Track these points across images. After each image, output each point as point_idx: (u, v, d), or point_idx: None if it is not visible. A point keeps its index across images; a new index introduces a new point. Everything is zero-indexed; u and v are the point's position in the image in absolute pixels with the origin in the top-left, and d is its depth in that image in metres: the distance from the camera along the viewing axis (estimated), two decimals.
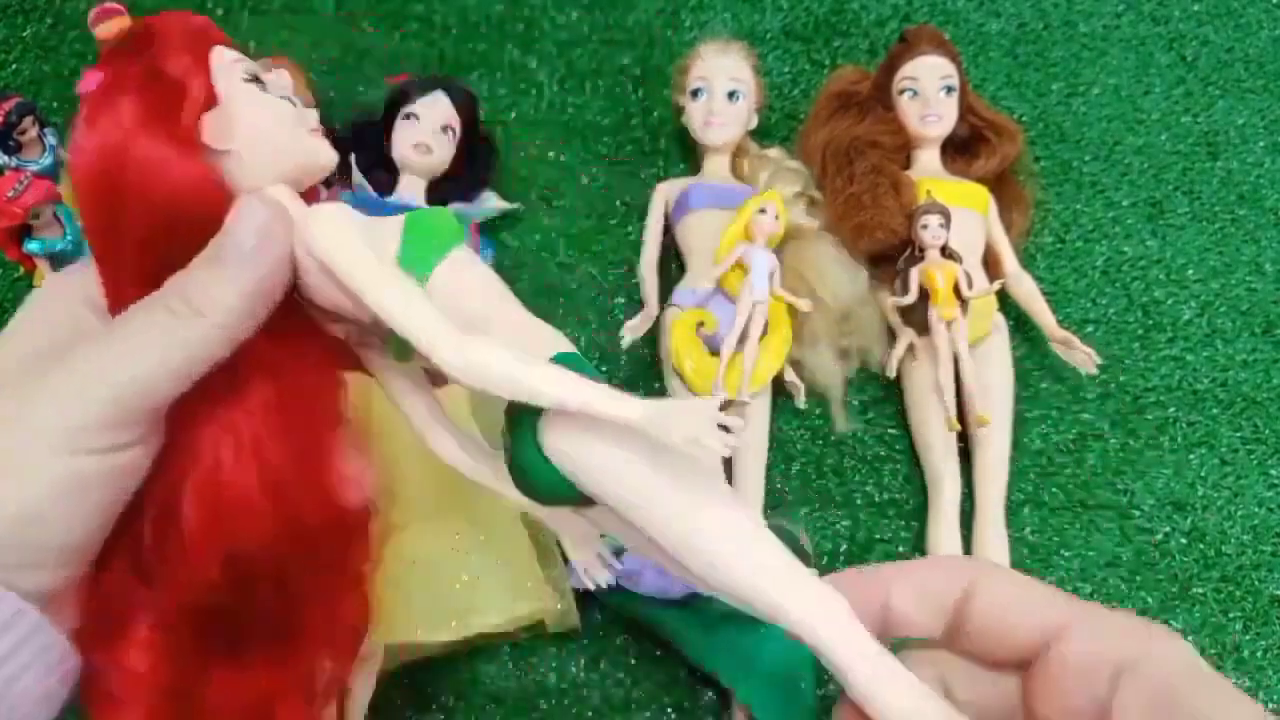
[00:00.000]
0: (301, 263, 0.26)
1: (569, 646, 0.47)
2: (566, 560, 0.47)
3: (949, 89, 0.57)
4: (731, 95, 0.57)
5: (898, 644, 0.22)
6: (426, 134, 0.54)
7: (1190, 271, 0.61)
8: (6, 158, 0.50)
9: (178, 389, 0.24)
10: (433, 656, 0.46)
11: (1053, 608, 0.22)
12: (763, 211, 0.52)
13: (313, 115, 0.28)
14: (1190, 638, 0.50)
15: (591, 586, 0.42)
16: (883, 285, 0.55)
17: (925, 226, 0.53)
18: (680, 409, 0.21)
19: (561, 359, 0.25)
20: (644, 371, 0.55)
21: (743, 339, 0.51)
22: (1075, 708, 0.21)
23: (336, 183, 0.57)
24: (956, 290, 0.52)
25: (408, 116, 0.55)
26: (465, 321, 0.25)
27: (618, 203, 0.61)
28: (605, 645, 0.47)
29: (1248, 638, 0.50)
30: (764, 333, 0.52)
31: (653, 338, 0.54)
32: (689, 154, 0.62)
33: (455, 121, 0.56)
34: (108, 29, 0.52)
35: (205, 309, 0.24)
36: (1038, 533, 0.52)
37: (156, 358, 0.23)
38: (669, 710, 0.46)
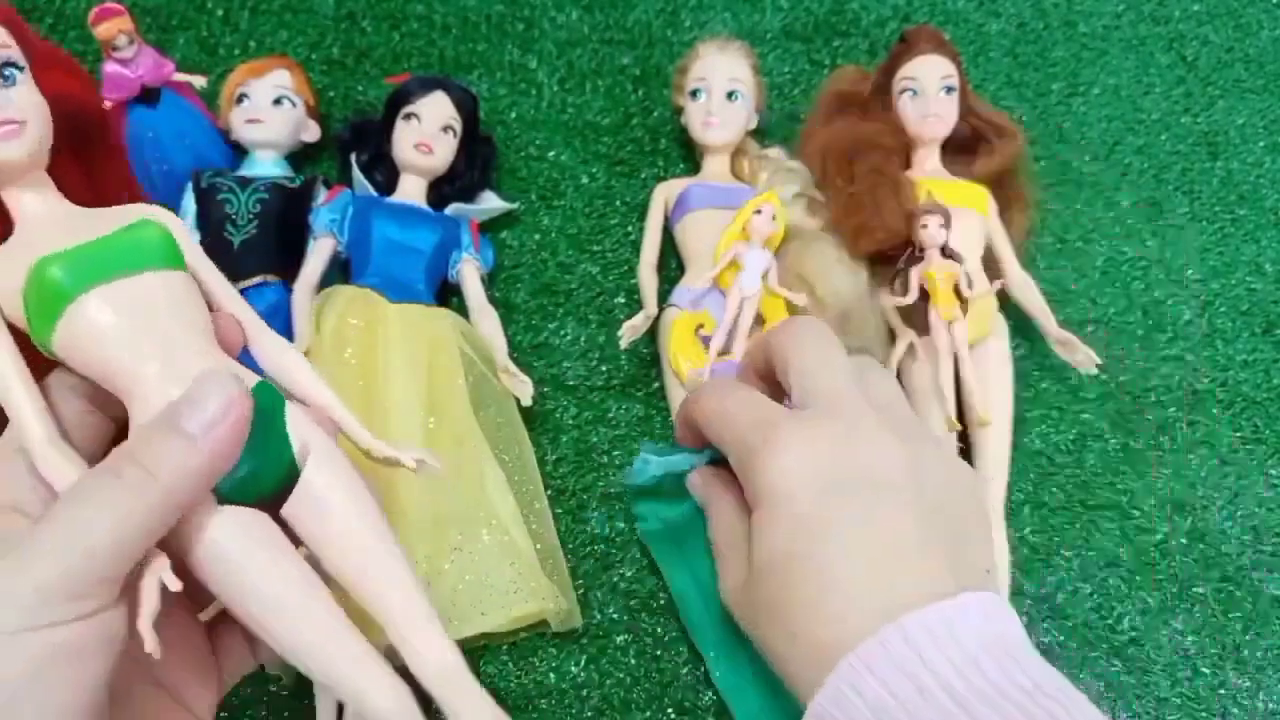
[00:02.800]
0: None
1: (569, 646, 0.47)
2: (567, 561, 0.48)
3: (949, 89, 0.57)
4: (731, 95, 0.57)
5: None
6: (427, 134, 0.54)
7: (1190, 271, 0.61)
8: None
9: (134, 559, 0.23)
10: None
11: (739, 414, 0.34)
12: (759, 213, 0.52)
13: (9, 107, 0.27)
14: (1190, 638, 0.50)
15: None
16: (883, 285, 0.55)
17: (925, 226, 0.53)
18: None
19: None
20: (644, 371, 0.55)
21: (732, 334, 0.51)
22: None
23: (336, 183, 0.57)
24: (957, 290, 0.52)
25: (408, 116, 0.55)
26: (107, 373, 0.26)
27: (618, 203, 0.61)
28: (605, 645, 0.47)
29: (1248, 638, 0.50)
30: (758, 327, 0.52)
31: (652, 338, 0.54)
32: (689, 154, 0.62)
33: (456, 121, 0.56)
34: (108, 29, 0.52)
35: (158, 472, 0.23)
36: (1038, 533, 0.52)
37: (106, 528, 0.23)
38: (669, 710, 0.46)
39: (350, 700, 0.27)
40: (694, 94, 0.58)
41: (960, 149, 0.59)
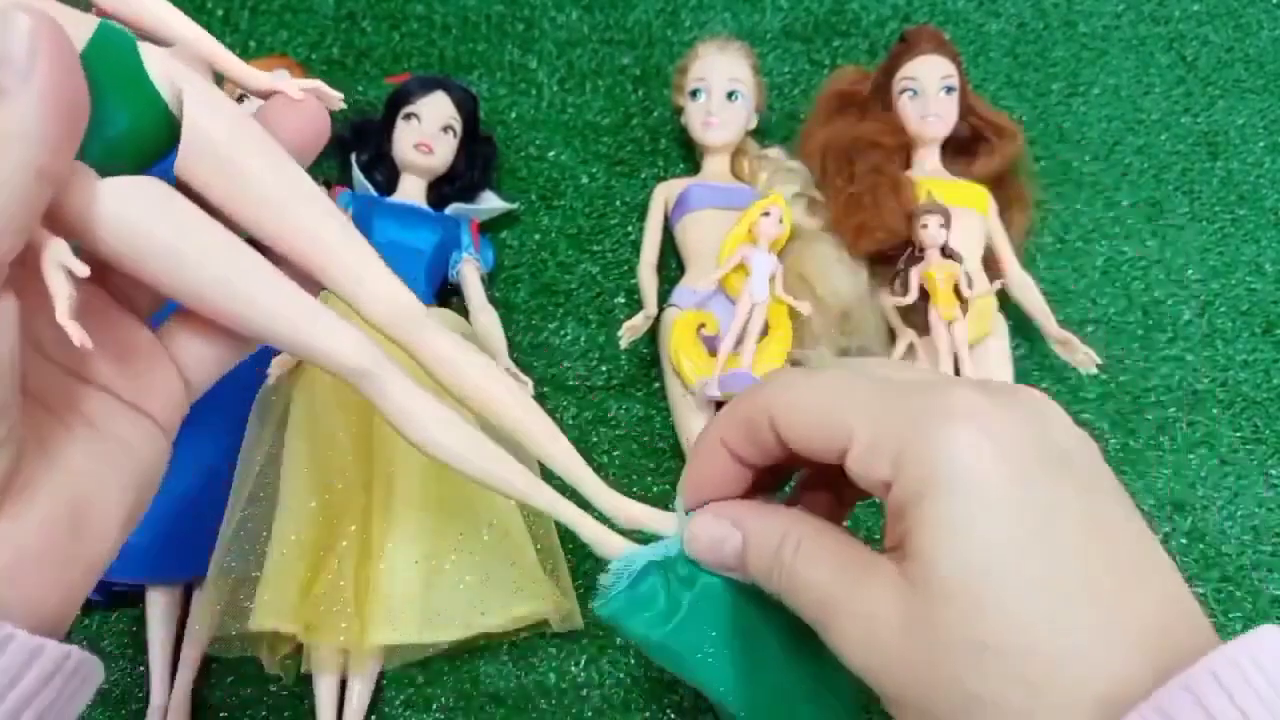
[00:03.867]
0: None
1: (569, 646, 0.47)
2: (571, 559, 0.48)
3: (949, 89, 0.57)
4: (731, 95, 0.57)
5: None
6: (427, 134, 0.54)
7: (1190, 271, 0.61)
8: None
9: (9, 233, 0.20)
10: (433, 656, 0.46)
11: (836, 413, 0.24)
12: (766, 215, 0.52)
13: None
14: None
15: None
16: (883, 285, 0.55)
17: (925, 226, 0.53)
18: None
19: None
20: (644, 371, 0.55)
21: (741, 340, 0.51)
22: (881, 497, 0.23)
23: (336, 183, 0.57)
24: (957, 290, 0.52)
25: (408, 116, 0.55)
26: None
27: (618, 203, 0.61)
28: (605, 645, 0.47)
29: None
30: (764, 333, 0.52)
31: (652, 337, 0.54)
32: (689, 154, 0.62)
33: (456, 121, 0.56)
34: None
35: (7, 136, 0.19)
36: None
37: None
38: (669, 710, 0.46)
39: (318, 358, 0.26)
40: (694, 94, 0.58)
41: (960, 149, 0.59)
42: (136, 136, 0.23)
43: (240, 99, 0.55)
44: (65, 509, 0.23)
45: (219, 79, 0.26)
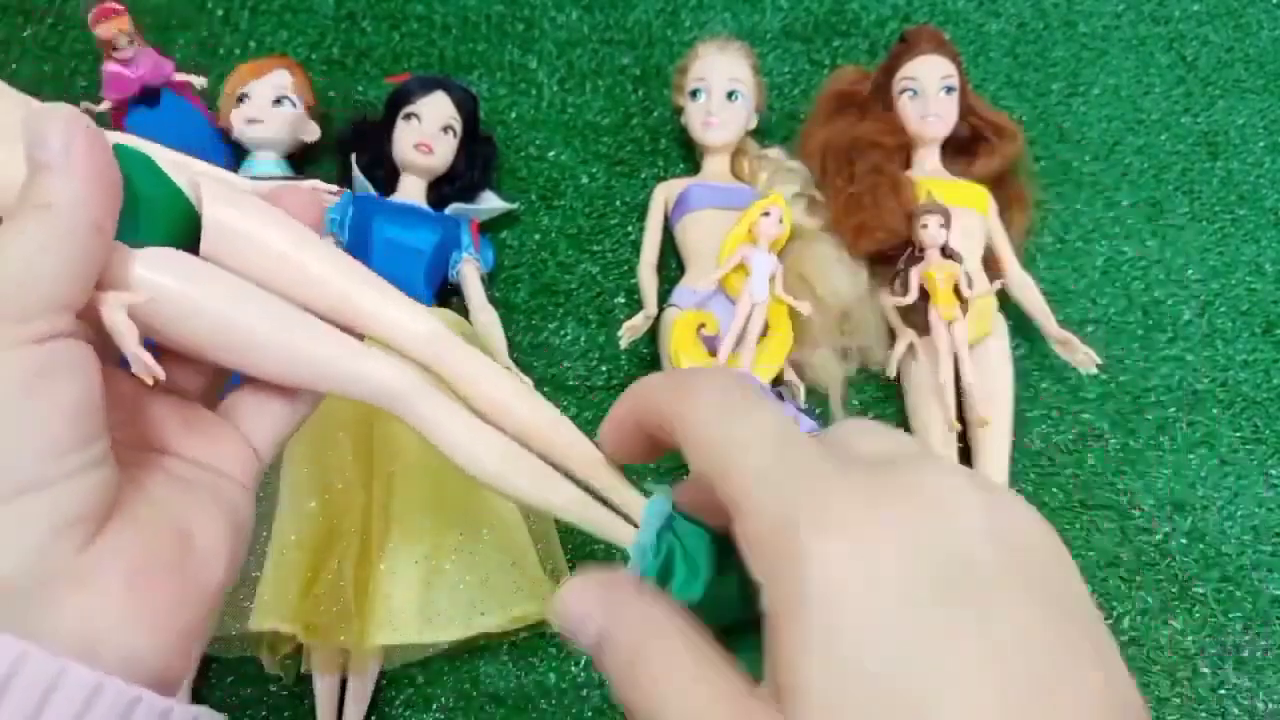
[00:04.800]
0: None
1: (569, 646, 0.47)
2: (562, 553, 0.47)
3: (949, 89, 0.57)
4: (730, 95, 0.57)
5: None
6: (427, 134, 0.54)
7: (1190, 271, 0.61)
8: None
9: (64, 283, 0.22)
10: (433, 656, 0.46)
11: (727, 474, 0.20)
12: (766, 215, 0.52)
13: None
14: (1190, 638, 0.50)
15: None
16: (883, 285, 0.55)
17: (925, 226, 0.53)
18: None
19: None
20: (644, 371, 0.55)
21: (741, 340, 0.51)
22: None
23: (336, 183, 0.57)
24: (957, 290, 0.52)
25: (408, 116, 0.55)
26: None
27: (618, 203, 0.61)
28: None
29: (1248, 638, 0.50)
30: (764, 334, 0.52)
31: (652, 337, 0.54)
32: (689, 154, 0.62)
33: (456, 121, 0.56)
34: (108, 29, 0.52)
35: (46, 201, 0.23)
36: None
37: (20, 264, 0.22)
38: None
39: (358, 386, 0.27)
40: (694, 94, 0.58)
41: (960, 149, 0.59)
42: (156, 225, 0.26)
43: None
44: (168, 527, 0.24)
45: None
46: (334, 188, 0.30)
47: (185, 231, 0.27)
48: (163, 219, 0.26)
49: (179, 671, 0.23)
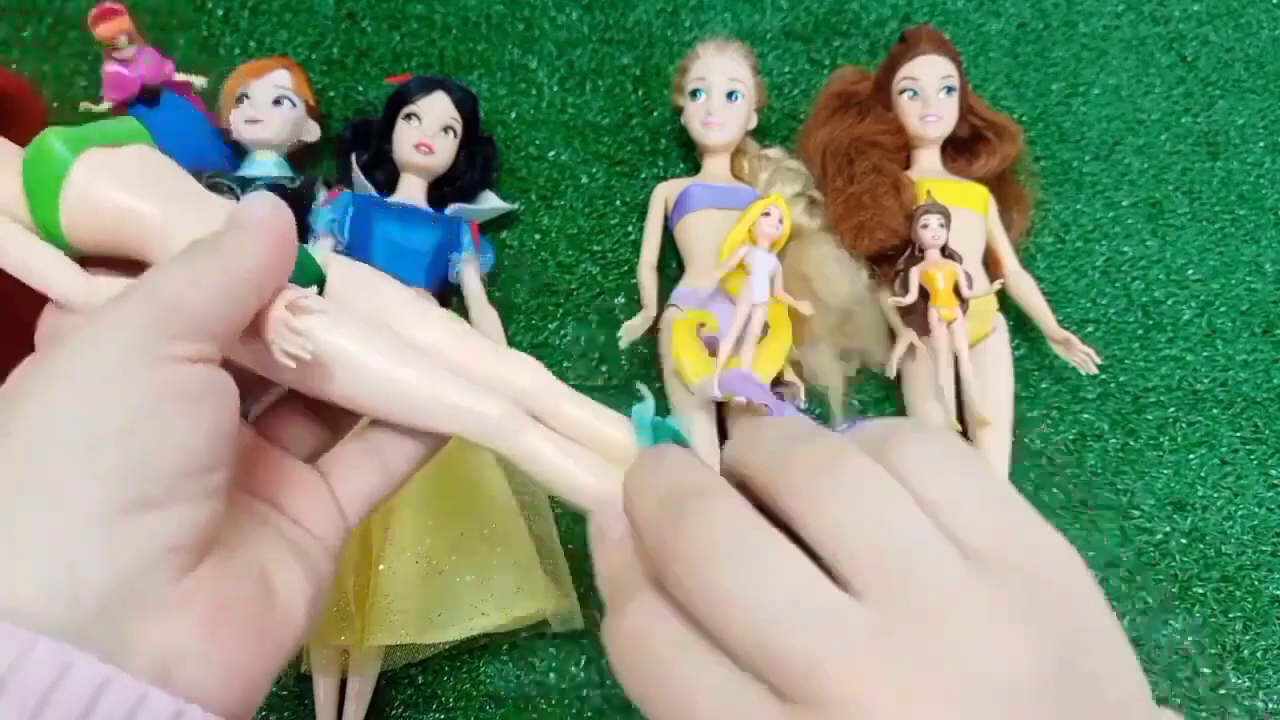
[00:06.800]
0: None
1: (569, 646, 0.47)
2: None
3: (949, 89, 0.57)
4: (730, 95, 0.57)
5: None
6: (427, 134, 0.54)
7: (1190, 271, 0.61)
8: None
9: (224, 317, 0.24)
10: (433, 656, 0.46)
11: None
12: (766, 215, 0.52)
13: None
14: (1190, 638, 0.50)
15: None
16: (883, 285, 0.55)
17: (925, 226, 0.53)
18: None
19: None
20: (644, 371, 0.55)
21: (741, 340, 0.51)
22: None
23: (336, 183, 0.57)
24: (956, 290, 0.52)
25: (408, 117, 0.55)
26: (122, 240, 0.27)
27: (618, 203, 0.61)
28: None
29: (1248, 638, 0.50)
30: (764, 334, 0.52)
31: (653, 338, 0.54)
32: (689, 154, 0.62)
33: (456, 121, 0.56)
34: (108, 29, 0.52)
35: (225, 251, 0.25)
36: None
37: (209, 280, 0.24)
38: None
39: (470, 425, 0.28)
40: (694, 94, 0.58)
41: (960, 149, 0.59)
42: (300, 275, 0.28)
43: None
44: (257, 574, 0.24)
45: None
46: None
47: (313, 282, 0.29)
48: (303, 270, 0.28)
49: (250, 696, 0.23)
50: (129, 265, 0.27)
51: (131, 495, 0.21)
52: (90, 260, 0.27)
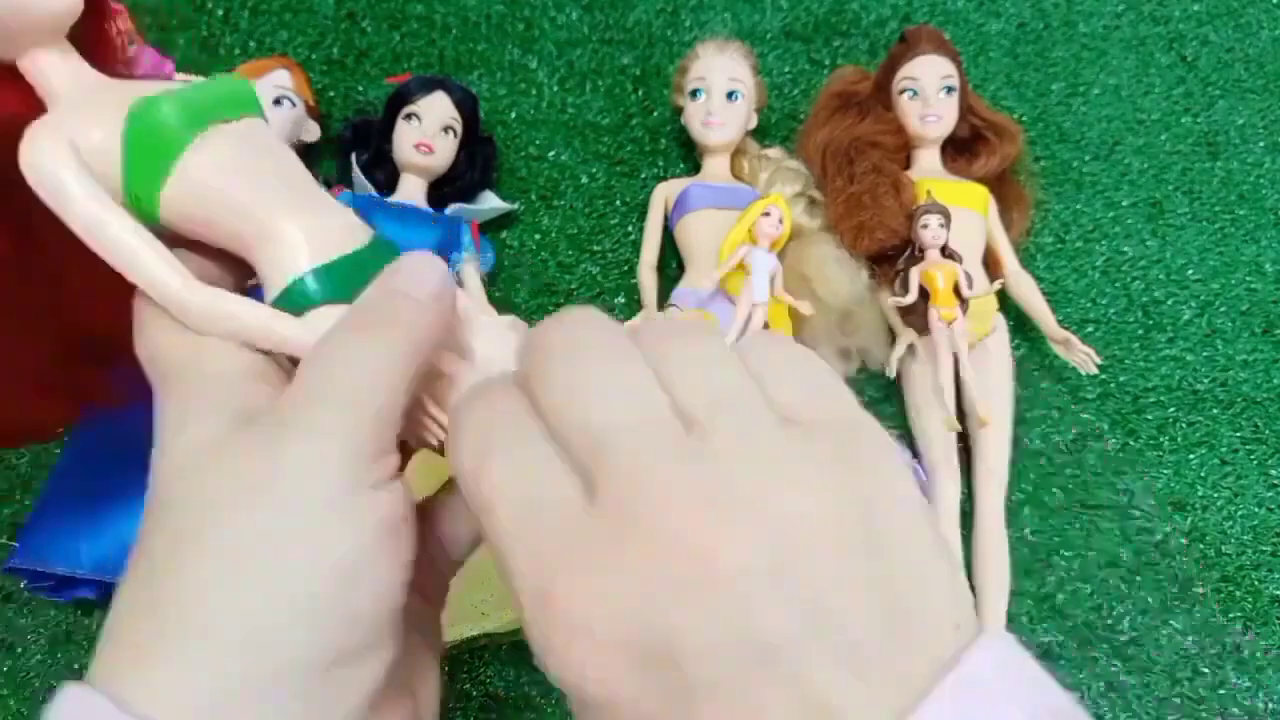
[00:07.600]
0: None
1: None
2: None
3: (949, 89, 0.57)
4: (730, 95, 0.57)
5: None
6: (427, 134, 0.54)
7: (1190, 271, 0.61)
8: None
9: (403, 414, 0.22)
10: None
11: None
12: (766, 215, 0.52)
13: None
14: (1190, 638, 0.50)
15: None
16: (883, 285, 0.55)
17: (925, 226, 0.53)
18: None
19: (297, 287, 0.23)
20: None
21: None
22: None
23: (336, 183, 0.57)
24: (956, 290, 0.52)
25: (408, 117, 0.55)
26: (225, 234, 0.24)
27: (618, 203, 0.61)
28: None
29: (1248, 638, 0.50)
30: None
31: None
32: (689, 154, 0.62)
33: (456, 121, 0.56)
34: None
35: (400, 326, 0.22)
36: (1038, 533, 0.52)
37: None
38: None
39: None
40: (694, 94, 0.58)
41: (960, 149, 0.59)
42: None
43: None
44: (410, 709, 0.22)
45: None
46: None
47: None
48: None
49: None
50: (202, 247, 0.25)
51: (327, 654, 0.18)
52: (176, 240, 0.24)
